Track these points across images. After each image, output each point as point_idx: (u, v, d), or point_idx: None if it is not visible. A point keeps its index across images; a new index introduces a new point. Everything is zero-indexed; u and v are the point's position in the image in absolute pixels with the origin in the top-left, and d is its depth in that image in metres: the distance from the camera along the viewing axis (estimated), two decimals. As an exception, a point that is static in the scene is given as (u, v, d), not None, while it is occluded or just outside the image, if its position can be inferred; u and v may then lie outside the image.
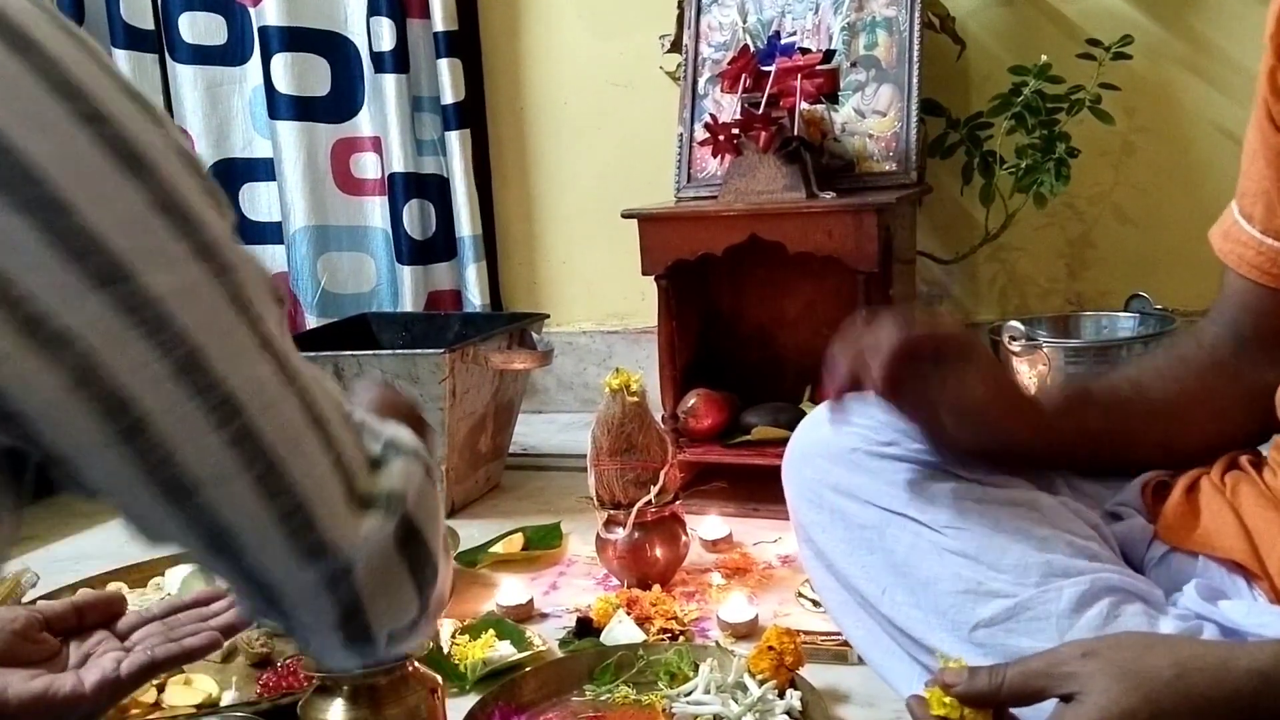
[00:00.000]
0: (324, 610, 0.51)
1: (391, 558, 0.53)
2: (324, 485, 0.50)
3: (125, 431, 0.44)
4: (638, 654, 1.10)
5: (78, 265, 0.41)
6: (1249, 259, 0.81)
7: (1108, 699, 0.55)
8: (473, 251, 2.16)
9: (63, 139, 0.41)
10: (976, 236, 1.84)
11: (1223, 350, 0.85)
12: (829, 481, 0.85)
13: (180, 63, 2.19)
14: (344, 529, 0.50)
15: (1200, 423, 0.84)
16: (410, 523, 0.54)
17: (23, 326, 0.41)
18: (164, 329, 0.43)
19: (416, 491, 0.55)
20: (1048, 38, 1.82)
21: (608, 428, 1.32)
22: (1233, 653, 0.58)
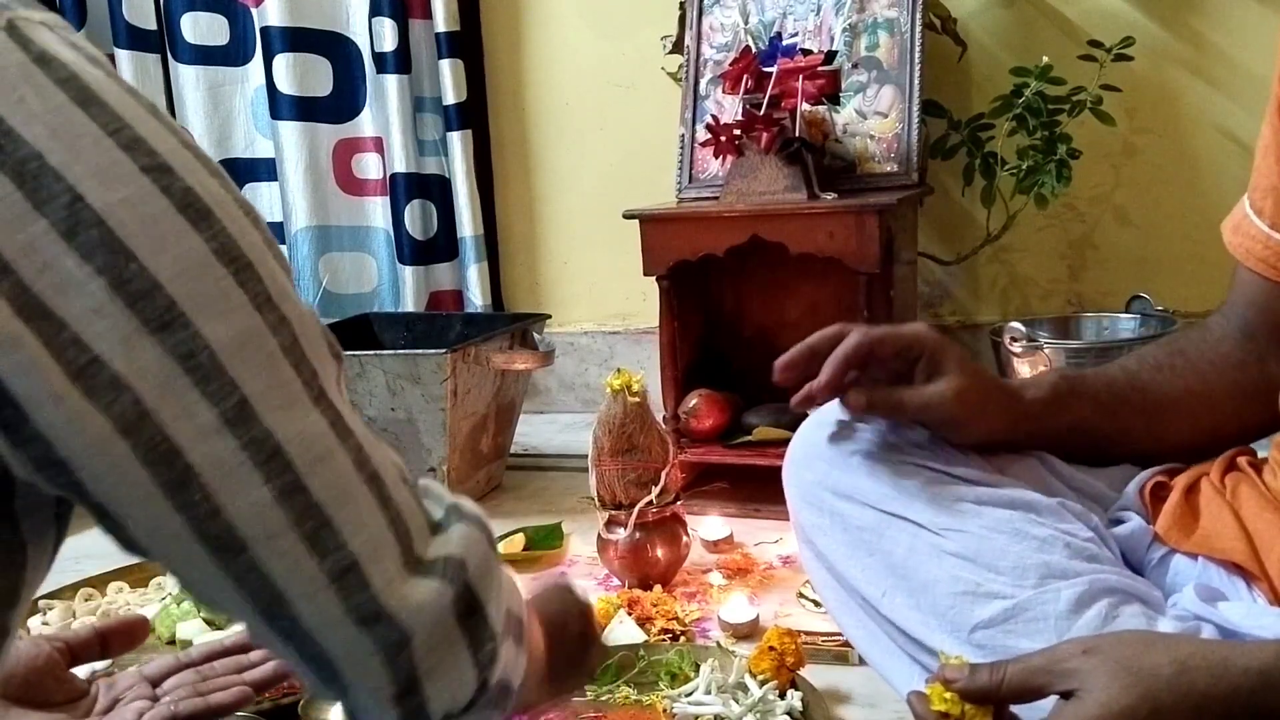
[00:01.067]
0: (381, 684, 0.49)
1: (451, 630, 0.50)
2: (379, 545, 0.48)
3: (172, 483, 0.43)
4: (639, 654, 1.10)
5: (134, 310, 0.41)
6: (1256, 253, 0.81)
7: (1108, 695, 0.56)
8: (474, 252, 2.17)
9: (128, 188, 0.42)
10: (978, 237, 1.84)
11: (1228, 344, 0.85)
12: (828, 484, 0.85)
13: (182, 63, 2.19)
14: (401, 592, 0.48)
15: (1195, 416, 0.84)
16: (471, 593, 0.51)
17: (77, 371, 0.41)
18: (216, 378, 0.43)
19: (479, 560, 0.52)
20: (1049, 39, 1.82)
21: (609, 428, 1.32)
22: (1233, 651, 0.58)
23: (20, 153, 0.39)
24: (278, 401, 0.45)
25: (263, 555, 0.45)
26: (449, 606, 0.50)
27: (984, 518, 0.78)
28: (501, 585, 0.54)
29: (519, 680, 0.57)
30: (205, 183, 0.44)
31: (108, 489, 0.43)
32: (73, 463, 0.42)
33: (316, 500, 0.46)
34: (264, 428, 0.44)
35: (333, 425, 0.47)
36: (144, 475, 0.42)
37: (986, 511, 0.78)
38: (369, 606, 0.47)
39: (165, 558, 0.46)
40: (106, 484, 0.43)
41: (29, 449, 0.42)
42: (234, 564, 0.45)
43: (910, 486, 0.80)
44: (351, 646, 0.48)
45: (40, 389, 0.40)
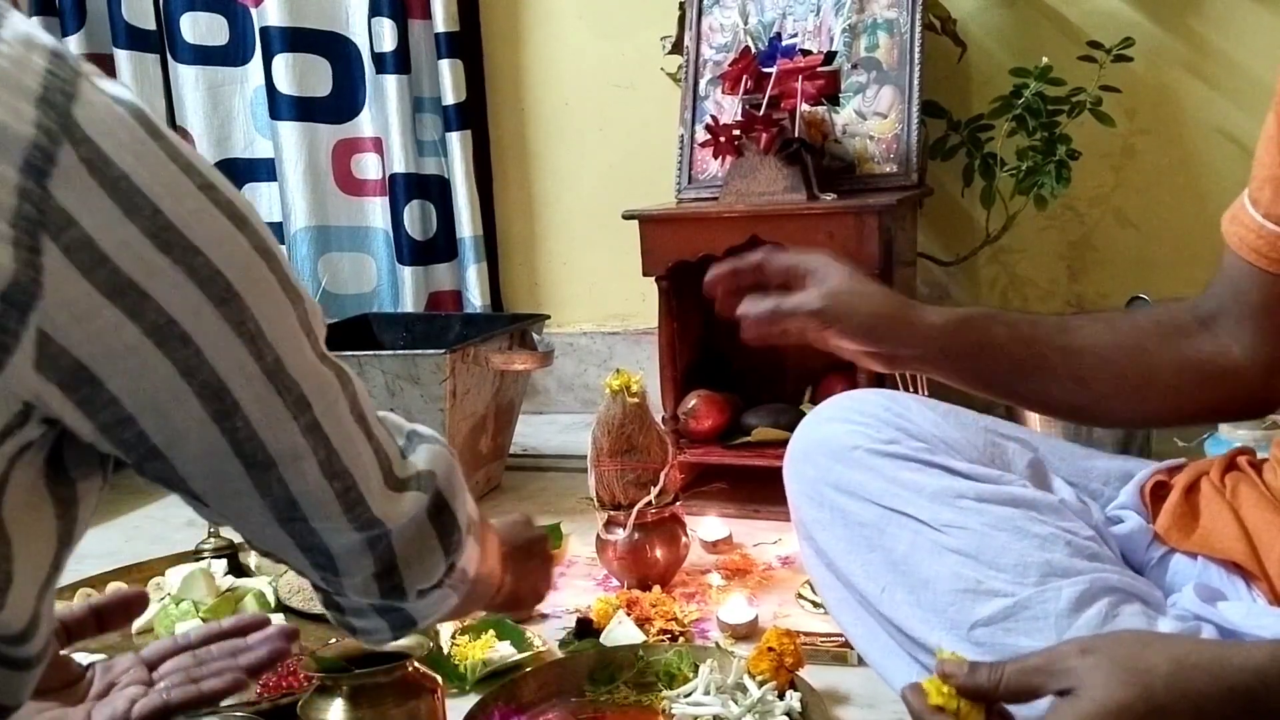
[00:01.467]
0: (366, 567, 0.64)
1: (424, 525, 0.66)
2: (369, 470, 0.62)
3: (221, 412, 0.55)
4: (638, 655, 1.10)
5: (203, 290, 0.53)
6: (1249, 242, 0.81)
7: (1104, 693, 0.56)
8: (473, 252, 2.17)
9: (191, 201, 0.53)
10: (977, 238, 1.84)
11: (1186, 316, 0.86)
12: (829, 479, 0.85)
13: (182, 63, 2.19)
14: (386, 505, 0.63)
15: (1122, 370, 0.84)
16: (440, 496, 0.67)
17: (152, 328, 0.51)
18: (259, 340, 0.55)
19: (445, 469, 0.68)
20: (1049, 40, 1.82)
21: (608, 429, 1.32)
22: (1230, 651, 0.58)
23: (113, 173, 0.50)
24: (300, 360, 0.58)
25: (288, 473, 0.58)
26: (423, 508, 0.66)
27: (985, 515, 0.78)
28: (464, 490, 0.70)
29: (474, 569, 0.73)
30: (236, 196, 0.56)
31: (168, 424, 0.54)
32: (137, 412, 0.53)
33: (327, 434, 0.59)
34: (292, 378, 0.57)
35: (338, 377, 0.61)
36: (199, 406, 0.54)
37: (988, 509, 0.78)
38: (365, 516, 0.62)
39: (204, 479, 0.58)
40: (167, 419, 0.54)
41: (102, 414, 0.52)
42: (264, 478, 0.58)
43: (912, 482, 0.81)
44: (348, 544, 0.63)
45: (117, 344, 0.51)
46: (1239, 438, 1.41)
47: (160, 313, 0.52)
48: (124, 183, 0.50)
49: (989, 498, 0.79)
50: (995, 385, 0.87)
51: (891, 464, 0.82)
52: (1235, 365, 0.83)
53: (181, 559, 1.41)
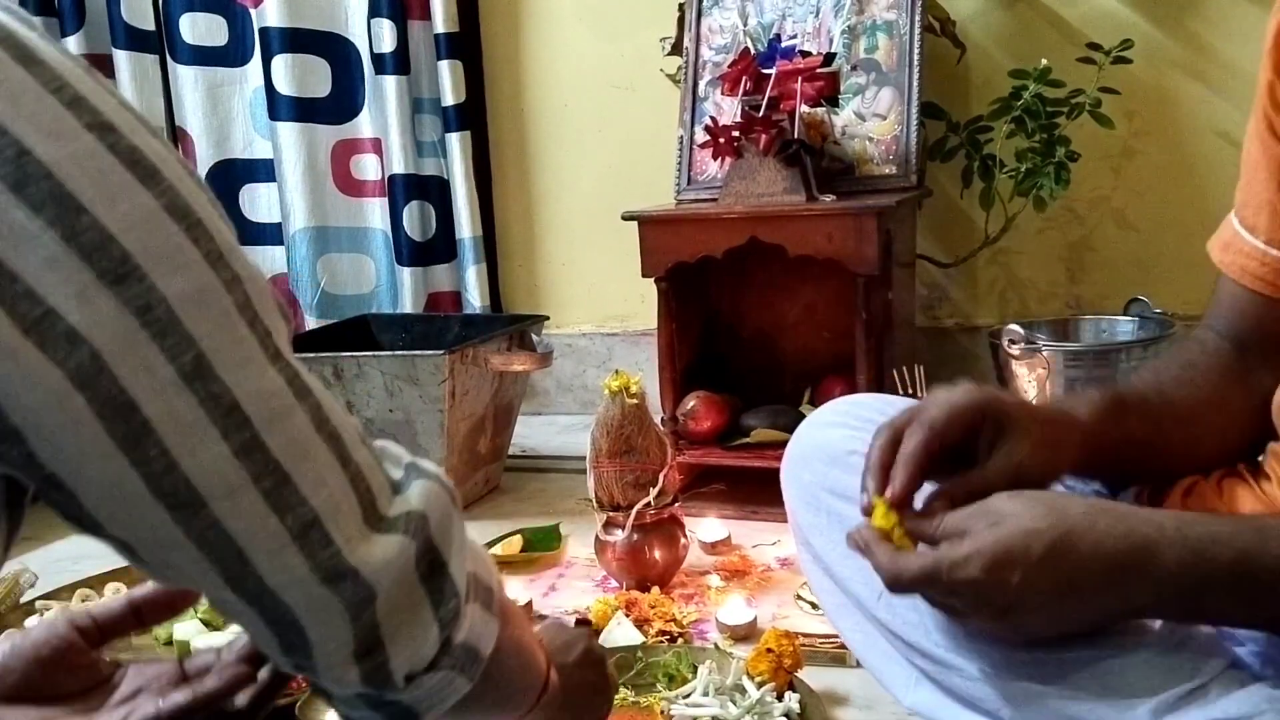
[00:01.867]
0: (344, 642, 0.49)
1: (413, 586, 0.50)
2: (340, 503, 0.48)
3: (129, 437, 0.42)
4: (636, 656, 1.10)
5: (89, 263, 0.41)
6: (1252, 270, 0.80)
7: (1020, 521, 0.63)
8: (473, 253, 2.17)
9: (73, 143, 0.41)
10: (976, 240, 1.84)
11: (1226, 357, 0.85)
12: (826, 484, 0.85)
13: (181, 64, 2.19)
14: (363, 550, 0.48)
15: (1217, 427, 0.83)
16: (433, 548, 0.51)
17: (30, 324, 0.40)
18: (172, 332, 0.42)
19: (440, 515, 0.52)
20: (1048, 42, 1.82)
21: (607, 430, 1.32)
22: (1140, 517, 0.65)
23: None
24: (235, 358, 0.44)
25: (223, 512, 0.44)
26: (411, 562, 0.50)
27: None
28: (464, 544, 0.54)
29: (489, 648, 0.56)
30: (149, 142, 0.44)
31: (61, 451, 0.42)
32: (25, 428, 0.41)
33: (276, 457, 0.45)
34: (222, 383, 0.44)
35: (290, 383, 0.47)
36: (100, 430, 0.42)
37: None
38: (333, 563, 0.47)
39: (121, 524, 0.45)
40: (60, 445, 0.42)
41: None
42: (193, 522, 0.44)
43: None
44: (316, 604, 0.47)
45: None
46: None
47: (32, 299, 0.40)
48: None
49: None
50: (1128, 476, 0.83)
51: None
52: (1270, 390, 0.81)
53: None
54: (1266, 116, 0.78)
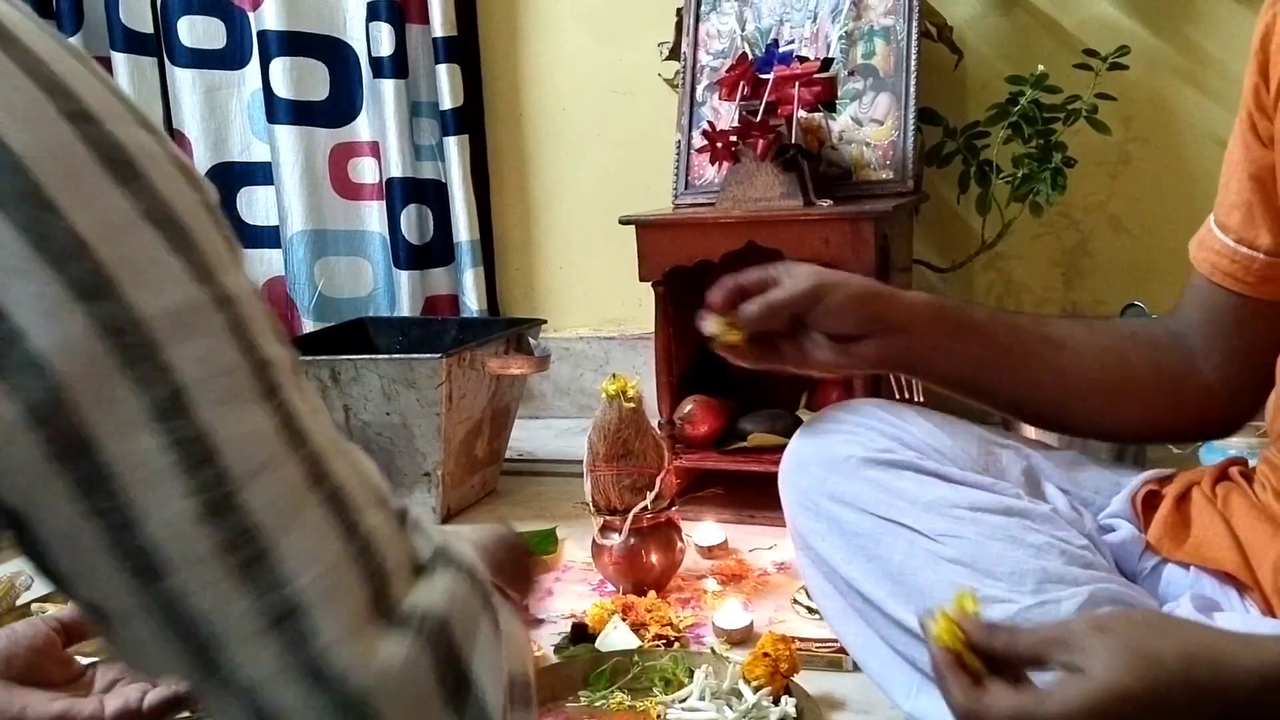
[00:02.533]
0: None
1: (431, 706, 0.41)
2: (335, 585, 0.39)
3: (84, 482, 0.36)
4: (633, 660, 1.10)
5: (59, 273, 0.35)
6: (1222, 266, 0.83)
7: (1110, 675, 0.56)
8: (470, 256, 2.17)
9: (47, 133, 0.36)
10: (973, 245, 1.84)
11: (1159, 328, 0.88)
12: (825, 490, 0.85)
13: (179, 66, 2.19)
14: (357, 650, 0.39)
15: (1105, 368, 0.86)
16: (458, 664, 0.41)
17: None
18: (145, 359, 0.36)
19: (464, 620, 0.42)
20: (1045, 48, 1.83)
21: (604, 433, 1.32)
22: (1242, 650, 0.58)
23: None
24: (218, 393, 0.37)
25: (188, 585, 0.37)
26: (429, 678, 0.41)
27: (980, 524, 0.78)
28: (496, 651, 0.44)
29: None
30: (134, 135, 0.38)
31: (17, 488, 0.36)
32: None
33: (254, 521, 0.37)
34: (198, 424, 0.37)
35: (283, 427, 0.39)
36: (51, 471, 0.36)
37: (982, 518, 0.78)
38: (317, 663, 0.38)
39: (85, 584, 0.38)
40: (15, 481, 0.36)
41: None
42: (154, 592, 0.37)
43: (906, 492, 0.81)
44: (306, 707, 0.39)
45: None
46: (1233, 445, 1.41)
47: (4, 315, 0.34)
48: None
49: (983, 507, 0.79)
50: (975, 373, 0.87)
51: (886, 473, 0.82)
52: (1205, 383, 0.85)
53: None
54: (1250, 118, 0.79)
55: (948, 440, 0.86)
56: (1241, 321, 0.83)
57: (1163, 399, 0.85)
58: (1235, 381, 0.84)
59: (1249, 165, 0.80)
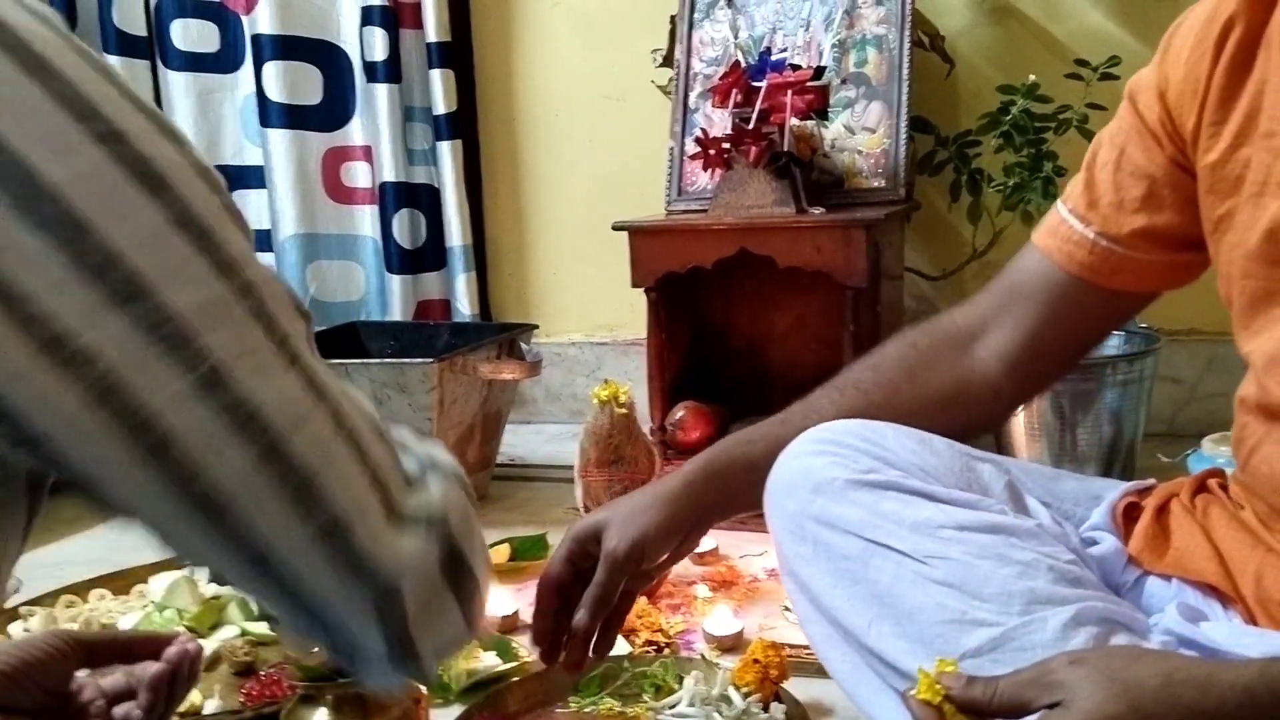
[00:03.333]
0: (371, 631, 0.50)
1: (436, 583, 0.52)
2: (361, 502, 0.49)
3: (150, 450, 0.43)
4: (623, 666, 1.10)
5: (97, 283, 0.41)
6: (1079, 257, 0.86)
7: (1092, 704, 0.56)
8: (462, 261, 2.17)
9: (80, 159, 0.41)
10: (964, 253, 1.85)
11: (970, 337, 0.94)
12: (811, 513, 0.84)
13: (172, 69, 2.19)
14: (386, 546, 0.50)
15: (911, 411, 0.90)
16: (454, 547, 0.53)
17: (42, 346, 0.40)
18: (185, 346, 0.43)
19: (459, 515, 0.54)
20: (1036, 58, 1.84)
21: (596, 439, 1.32)
22: (1219, 668, 0.58)
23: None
24: (251, 366, 0.45)
25: (250, 515, 0.46)
26: (435, 562, 0.52)
27: (967, 544, 0.77)
28: (482, 537, 0.57)
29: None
30: (160, 149, 0.44)
31: (87, 459, 0.43)
32: (48, 436, 0.42)
33: (297, 461, 0.46)
34: (239, 393, 0.44)
35: (308, 385, 0.47)
36: (120, 444, 0.43)
37: (969, 537, 0.78)
38: (355, 560, 0.48)
39: (152, 521, 0.47)
40: (85, 454, 0.43)
41: (2, 427, 0.42)
42: (221, 524, 0.46)
43: (892, 513, 0.80)
44: (342, 597, 0.49)
45: (5, 366, 0.40)
46: (1223, 453, 1.42)
47: (43, 321, 0.40)
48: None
49: (969, 525, 0.79)
50: None
51: (871, 494, 0.82)
52: (990, 377, 0.91)
53: (165, 567, 1.40)
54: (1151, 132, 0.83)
55: (931, 458, 0.86)
56: (1070, 306, 0.88)
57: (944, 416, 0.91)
58: (1028, 370, 0.91)
59: (1144, 165, 0.84)
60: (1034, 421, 1.59)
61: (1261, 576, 0.74)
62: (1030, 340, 0.90)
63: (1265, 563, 0.74)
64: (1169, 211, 0.83)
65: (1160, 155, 0.83)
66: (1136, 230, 0.84)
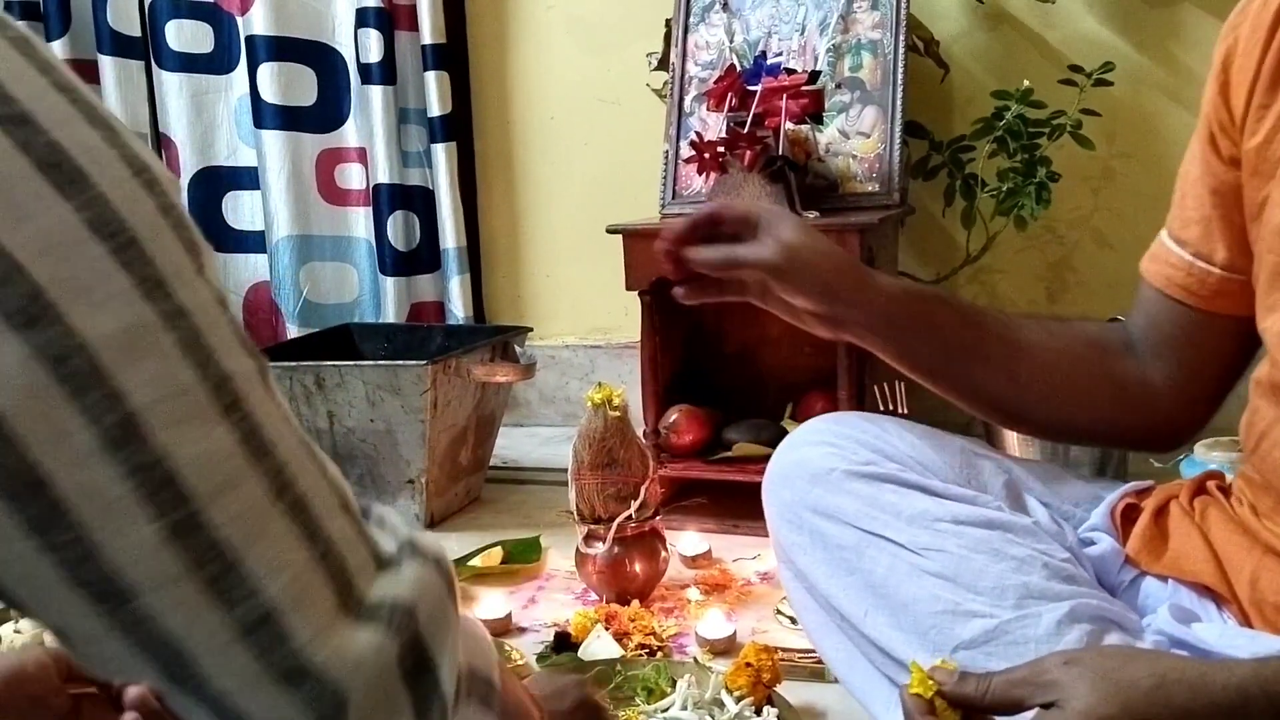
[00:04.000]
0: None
1: (392, 682, 0.42)
2: (304, 589, 0.39)
3: (37, 520, 0.34)
4: (615, 669, 1.10)
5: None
6: (1178, 280, 0.84)
7: (1086, 704, 0.56)
8: (456, 264, 2.16)
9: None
10: (958, 258, 1.85)
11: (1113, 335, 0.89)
12: (808, 503, 0.85)
13: (166, 70, 2.18)
14: (332, 644, 0.40)
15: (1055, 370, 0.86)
16: (419, 643, 0.43)
17: None
18: (95, 385, 0.34)
19: (432, 606, 0.44)
20: (1030, 63, 1.84)
21: (589, 442, 1.32)
22: (1211, 668, 0.58)
23: None
24: (172, 414, 0.36)
25: (156, 606, 0.37)
26: (393, 662, 0.42)
27: (963, 537, 0.78)
28: (458, 639, 0.46)
29: None
30: (81, 136, 0.36)
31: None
32: None
33: (220, 537, 0.37)
34: (155, 450, 0.36)
35: (245, 442, 0.38)
36: (4, 510, 0.34)
37: (965, 531, 0.79)
38: (291, 663, 0.39)
39: (44, 611, 0.38)
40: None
41: None
42: (121, 615, 0.37)
43: (889, 505, 0.81)
44: (275, 709, 0.39)
45: None
46: (1214, 459, 1.42)
47: None
48: None
49: (966, 520, 0.79)
50: (932, 365, 0.87)
51: (869, 486, 0.82)
52: (1155, 393, 0.86)
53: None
54: (1211, 137, 0.81)
55: (930, 453, 0.87)
56: (1191, 334, 0.84)
57: (1111, 406, 0.87)
58: (1185, 393, 0.85)
59: (1209, 180, 0.81)
60: (1027, 426, 1.59)
61: (1257, 579, 0.75)
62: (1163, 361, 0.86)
63: (1261, 565, 0.75)
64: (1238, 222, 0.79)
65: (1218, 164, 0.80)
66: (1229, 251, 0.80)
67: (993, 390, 0.87)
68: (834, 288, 0.82)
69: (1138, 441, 0.95)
